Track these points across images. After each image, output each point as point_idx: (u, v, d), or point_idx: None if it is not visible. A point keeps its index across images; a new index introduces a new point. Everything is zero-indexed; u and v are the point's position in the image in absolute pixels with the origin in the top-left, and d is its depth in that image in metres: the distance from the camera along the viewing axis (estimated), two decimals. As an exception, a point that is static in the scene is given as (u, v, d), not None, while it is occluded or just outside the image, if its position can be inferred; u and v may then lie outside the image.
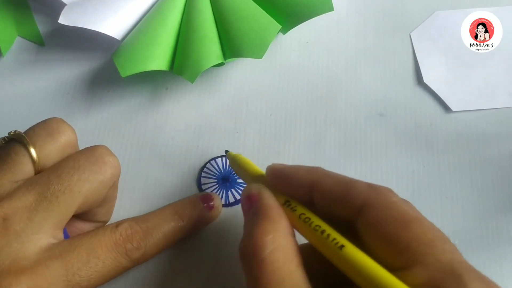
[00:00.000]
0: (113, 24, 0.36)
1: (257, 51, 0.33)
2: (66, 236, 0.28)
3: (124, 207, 0.33)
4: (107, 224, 0.31)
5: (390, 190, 0.23)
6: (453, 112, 0.36)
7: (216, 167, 0.34)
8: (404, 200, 0.23)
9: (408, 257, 0.20)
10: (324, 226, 0.23)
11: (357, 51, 0.38)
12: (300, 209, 0.24)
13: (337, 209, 0.23)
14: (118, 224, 0.28)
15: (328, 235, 0.22)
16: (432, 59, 0.38)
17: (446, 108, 0.36)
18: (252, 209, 0.25)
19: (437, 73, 0.37)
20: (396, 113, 0.36)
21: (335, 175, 0.25)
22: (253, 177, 0.28)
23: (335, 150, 0.35)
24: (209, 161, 0.34)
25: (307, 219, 0.23)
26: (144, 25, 0.36)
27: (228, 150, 0.34)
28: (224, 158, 0.34)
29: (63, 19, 0.35)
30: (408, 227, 0.21)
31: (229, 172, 0.33)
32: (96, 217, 0.30)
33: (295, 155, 0.35)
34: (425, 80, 0.37)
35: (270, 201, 0.24)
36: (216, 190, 0.33)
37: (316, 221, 0.23)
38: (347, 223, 0.23)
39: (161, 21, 0.35)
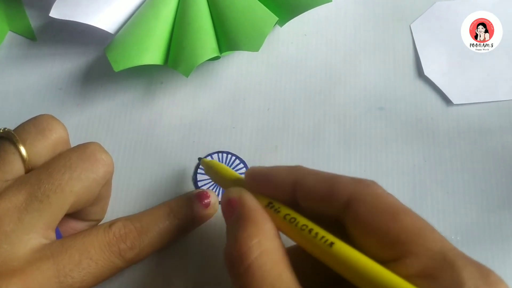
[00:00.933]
0: (106, 17, 0.35)
1: (254, 44, 0.32)
2: (58, 235, 0.27)
3: (118, 206, 0.32)
4: (101, 223, 0.30)
5: (374, 183, 0.23)
6: (455, 105, 0.35)
7: (213, 163, 0.33)
8: (388, 192, 0.23)
9: (399, 249, 0.20)
10: (311, 225, 0.22)
11: (356, 43, 0.37)
12: (285, 210, 0.23)
13: (322, 206, 0.23)
14: (111, 223, 0.28)
15: (317, 234, 0.21)
16: (433, 51, 0.37)
17: (447, 101, 0.35)
18: (234, 214, 0.24)
19: (438, 65, 0.36)
20: (396, 106, 0.35)
21: (317, 172, 0.24)
22: (231, 182, 0.27)
23: (335, 144, 0.34)
24: (205, 157, 0.33)
25: (292, 219, 0.23)
26: (137, 18, 0.35)
27: (223, 150, 0.33)
28: (220, 154, 0.33)
29: (54, 13, 0.34)
30: (397, 219, 0.21)
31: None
32: (90, 216, 0.29)
33: (294, 150, 0.34)
34: (426, 73, 0.36)
35: (252, 203, 0.24)
36: (212, 187, 0.32)
37: (302, 220, 0.22)
38: (333, 220, 0.23)
39: (155, 14, 0.34)
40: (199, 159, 0.32)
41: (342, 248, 0.20)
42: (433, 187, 0.33)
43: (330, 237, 0.21)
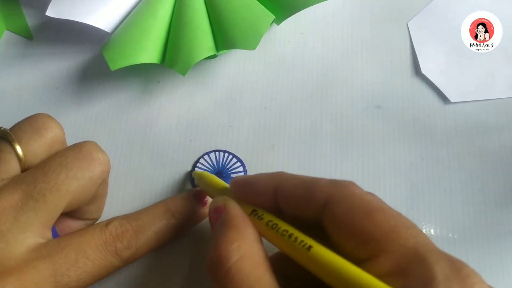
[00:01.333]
0: (103, 16, 0.35)
1: (250, 42, 0.32)
2: (55, 235, 0.27)
3: (115, 205, 0.32)
4: (97, 222, 0.30)
5: (352, 183, 0.23)
6: (452, 103, 0.35)
7: (210, 162, 0.33)
8: (368, 192, 0.23)
9: (373, 247, 0.20)
10: (291, 230, 0.22)
11: (353, 42, 0.37)
12: (267, 217, 0.24)
13: (302, 210, 0.23)
14: (108, 222, 0.27)
15: (296, 238, 0.22)
16: (430, 49, 0.37)
17: (444, 99, 0.35)
18: (219, 220, 0.24)
19: (435, 63, 0.36)
20: (393, 105, 0.35)
21: (297, 176, 0.24)
22: (219, 191, 0.28)
23: (331, 143, 0.34)
24: (202, 156, 0.33)
25: (274, 225, 0.23)
26: (134, 17, 0.35)
27: (220, 148, 0.33)
28: (217, 153, 0.33)
29: (51, 12, 0.34)
30: (371, 217, 0.21)
31: (223, 167, 0.33)
32: (86, 215, 0.29)
33: (290, 148, 0.34)
34: (423, 71, 0.36)
35: (235, 210, 0.24)
36: (209, 185, 0.32)
37: (283, 226, 0.23)
38: (314, 223, 0.23)
39: (151, 12, 0.34)
40: (191, 172, 0.33)
41: (319, 250, 0.21)
42: (430, 185, 0.33)
43: (309, 241, 0.21)
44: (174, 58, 0.33)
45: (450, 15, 0.38)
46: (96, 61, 0.37)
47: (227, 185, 0.28)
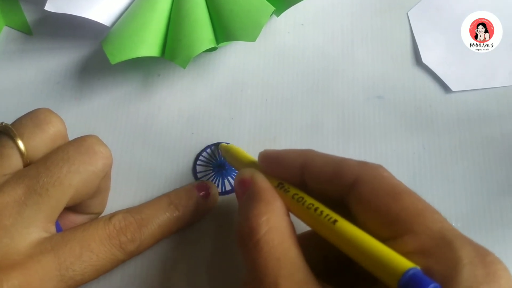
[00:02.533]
0: (102, 10, 0.35)
1: (250, 34, 0.32)
2: (58, 229, 0.27)
3: (117, 198, 0.32)
4: (101, 216, 0.30)
5: (381, 166, 0.24)
6: (453, 92, 0.35)
7: (212, 155, 0.33)
8: (393, 176, 0.23)
9: (398, 227, 0.21)
10: (317, 204, 0.23)
11: (353, 32, 0.37)
12: (293, 190, 0.24)
13: (329, 187, 0.24)
14: (111, 216, 0.28)
15: (322, 212, 0.22)
16: (431, 38, 0.37)
17: (445, 88, 0.35)
18: (246, 193, 0.25)
19: (436, 52, 0.36)
20: (395, 94, 0.35)
21: (325, 155, 0.25)
22: (245, 164, 0.28)
23: (333, 134, 0.34)
24: (204, 149, 0.33)
25: (300, 199, 0.24)
26: (133, 10, 0.35)
27: (222, 141, 0.33)
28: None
29: (50, 6, 0.34)
30: (398, 199, 0.22)
31: (225, 160, 0.33)
32: (89, 209, 0.29)
33: (292, 140, 0.34)
34: (424, 60, 0.36)
35: (263, 183, 0.25)
36: (212, 178, 0.32)
37: (309, 200, 0.23)
38: (339, 200, 0.24)
39: (151, 5, 0.34)
40: (217, 144, 0.33)
41: (344, 225, 0.21)
42: (433, 174, 0.33)
43: (334, 215, 0.22)
44: (174, 51, 0.33)
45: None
46: (96, 55, 0.36)
47: (253, 158, 0.29)
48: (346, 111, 0.35)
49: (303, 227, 0.24)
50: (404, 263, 0.19)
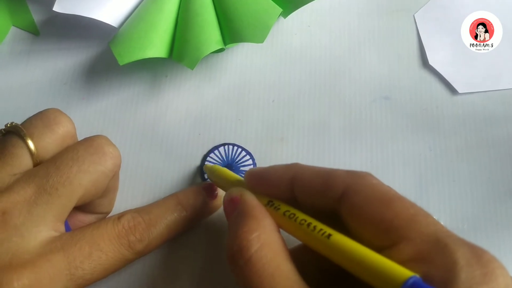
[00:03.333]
0: (110, 11, 0.35)
1: (258, 35, 0.32)
2: (67, 228, 0.27)
3: (125, 198, 0.32)
4: (109, 215, 0.30)
5: (369, 174, 0.23)
6: (459, 94, 0.35)
7: (219, 156, 0.33)
8: (382, 183, 0.23)
9: (393, 235, 0.21)
10: (310, 219, 0.23)
11: (360, 34, 0.37)
12: (284, 207, 0.24)
13: (319, 200, 0.24)
14: (120, 216, 0.28)
15: (315, 227, 0.22)
16: (437, 40, 0.37)
17: (452, 90, 0.35)
18: (235, 211, 0.25)
19: (443, 54, 0.36)
20: (401, 96, 0.35)
21: (314, 167, 0.25)
22: (232, 183, 0.28)
23: (340, 135, 0.34)
24: (211, 150, 0.33)
25: (292, 215, 0.23)
26: (141, 11, 0.35)
27: (229, 142, 0.34)
28: (226, 146, 0.33)
29: (58, 7, 0.34)
30: (390, 206, 0.21)
31: (232, 161, 0.33)
32: (98, 208, 0.30)
33: (299, 141, 0.34)
34: (430, 62, 0.36)
35: (252, 201, 0.25)
36: (219, 178, 0.32)
37: (301, 215, 0.23)
38: (330, 213, 0.23)
39: (159, 6, 0.34)
40: (202, 166, 0.33)
41: (339, 238, 0.21)
42: (439, 176, 0.33)
43: (328, 229, 0.22)
44: (182, 52, 0.33)
45: (456, 2, 0.37)
46: (104, 56, 0.37)
47: (239, 177, 0.29)
48: (353, 112, 0.35)
49: (293, 241, 0.24)
50: (403, 272, 0.18)
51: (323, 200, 0.23)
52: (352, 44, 0.37)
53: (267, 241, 0.22)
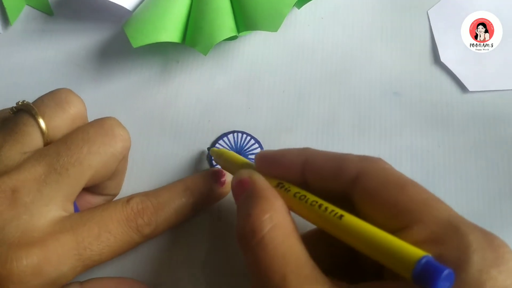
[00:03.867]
0: (124, -6, 0.35)
1: (273, 24, 0.32)
2: (76, 209, 0.27)
3: (133, 181, 0.32)
4: (117, 198, 0.30)
5: (381, 159, 0.24)
6: (470, 92, 0.35)
7: (228, 143, 0.33)
8: (394, 168, 0.24)
9: (407, 218, 0.21)
10: (320, 201, 0.23)
11: (372, 28, 0.37)
12: (294, 189, 0.24)
13: (331, 184, 0.24)
14: (129, 198, 0.28)
15: (326, 208, 0.22)
16: (450, 37, 0.37)
17: (462, 88, 0.35)
18: (245, 192, 0.25)
19: (454, 52, 0.36)
20: (411, 92, 0.35)
21: (325, 152, 0.25)
22: (241, 166, 0.28)
23: (349, 128, 0.34)
24: (220, 136, 0.33)
25: (302, 197, 0.24)
26: (155, -5, 0.35)
27: (239, 129, 0.33)
28: (235, 134, 0.33)
29: (72, -12, 0.34)
30: (404, 190, 0.22)
31: (241, 148, 0.33)
32: (106, 190, 0.30)
33: (308, 132, 0.34)
34: (442, 59, 0.36)
35: (263, 183, 0.25)
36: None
37: (312, 197, 0.23)
38: (341, 197, 0.23)
39: (173, -9, 0.34)
40: (208, 148, 0.33)
41: (351, 219, 0.21)
42: (446, 173, 0.33)
43: (339, 211, 0.22)
44: (195, 37, 0.33)
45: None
46: (116, 39, 0.37)
47: (247, 160, 0.29)
48: (363, 106, 0.35)
49: (303, 226, 0.24)
50: (416, 252, 0.19)
51: (335, 184, 0.24)
52: (365, 37, 0.37)
53: (279, 222, 0.23)
